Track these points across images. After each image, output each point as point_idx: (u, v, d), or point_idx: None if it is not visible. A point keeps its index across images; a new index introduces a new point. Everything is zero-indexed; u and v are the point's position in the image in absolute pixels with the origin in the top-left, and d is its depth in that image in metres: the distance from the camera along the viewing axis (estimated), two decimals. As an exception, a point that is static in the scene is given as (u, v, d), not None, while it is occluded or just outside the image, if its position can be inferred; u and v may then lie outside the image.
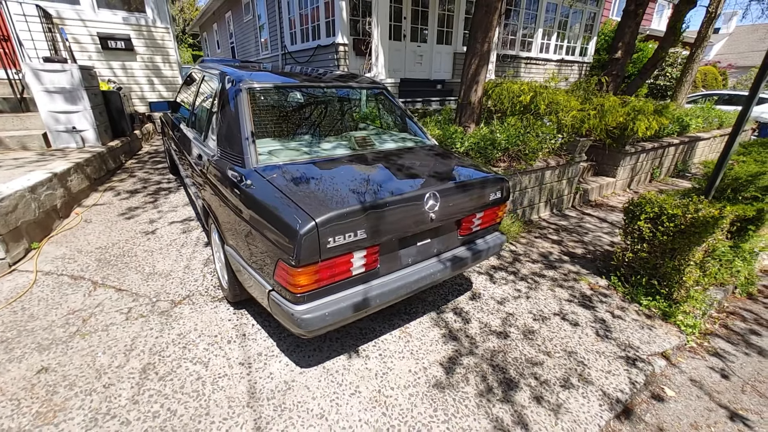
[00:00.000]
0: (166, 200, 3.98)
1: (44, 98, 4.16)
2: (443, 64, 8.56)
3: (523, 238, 3.72)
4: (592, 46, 11.32)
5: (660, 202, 2.65)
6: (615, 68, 6.22)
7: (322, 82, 2.52)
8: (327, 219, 1.47)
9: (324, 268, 1.55)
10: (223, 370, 1.89)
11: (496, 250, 2.29)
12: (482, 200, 2.07)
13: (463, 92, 4.35)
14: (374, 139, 2.42)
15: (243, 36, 12.17)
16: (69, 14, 5.90)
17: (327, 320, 1.60)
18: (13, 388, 1.73)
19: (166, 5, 6.67)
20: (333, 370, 1.95)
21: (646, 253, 2.70)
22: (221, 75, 2.39)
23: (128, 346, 2.01)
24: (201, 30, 18.94)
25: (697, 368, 2.26)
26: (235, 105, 2.08)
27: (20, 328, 2.10)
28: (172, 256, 2.89)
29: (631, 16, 5.97)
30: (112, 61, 6.45)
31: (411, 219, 1.75)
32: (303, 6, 7.74)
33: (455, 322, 2.39)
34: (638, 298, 2.72)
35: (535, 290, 2.81)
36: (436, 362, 2.05)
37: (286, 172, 1.82)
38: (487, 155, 3.64)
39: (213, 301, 2.42)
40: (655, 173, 6.33)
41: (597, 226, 4.21)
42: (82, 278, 2.58)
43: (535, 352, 2.18)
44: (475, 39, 4.12)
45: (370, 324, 2.31)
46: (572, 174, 4.52)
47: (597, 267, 3.22)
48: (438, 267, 1.97)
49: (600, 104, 4.40)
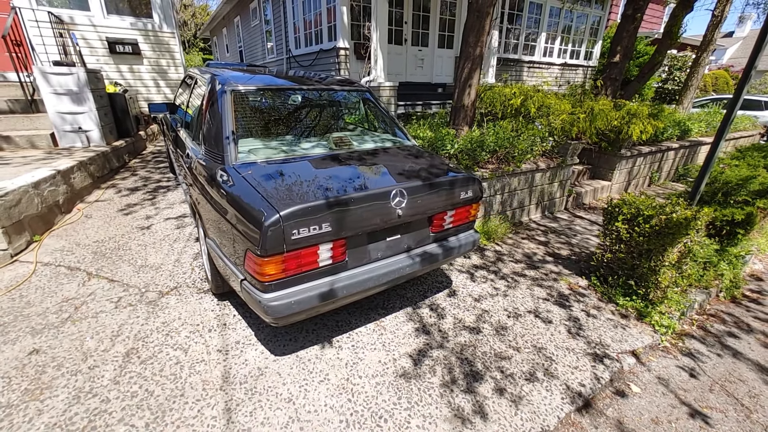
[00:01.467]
0: (164, 198, 4.14)
1: (52, 99, 4.37)
2: (444, 67, 8.64)
3: (510, 239, 3.77)
4: (598, 50, 11.28)
5: (637, 203, 2.69)
6: (613, 72, 6.23)
7: (306, 85, 2.64)
8: (291, 213, 1.56)
9: (290, 259, 1.64)
10: (202, 356, 2.00)
11: (469, 247, 2.35)
12: (452, 199, 2.14)
13: (457, 95, 4.42)
14: (354, 139, 2.51)
15: (251, 40, 12.44)
16: (80, 19, 6.16)
17: (293, 308, 1.69)
18: (5, 367, 1.86)
19: (172, 11, 6.91)
20: (306, 358, 2.04)
21: (623, 253, 2.74)
22: (211, 78, 2.51)
23: (115, 332, 2.13)
24: (211, 34, 19.38)
25: (667, 367, 2.28)
26: (220, 105, 2.20)
27: (17, 313, 2.25)
28: (164, 250, 3.03)
29: (629, 20, 5.99)
30: (120, 64, 6.69)
31: (377, 215, 1.84)
32: (306, 11, 7.93)
33: (430, 317, 2.46)
34: (615, 298, 2.75)
35: (514, 289, 2.86)
36: (406, 354, 2.12)
37: (260, 169, 1.93)
38: (475, 157, 3.71)
39: (199, 292, 2.53)
40: (654, 177, 6.29)
41: (587, 228, 4.23)
42: (78, 269, 2.72)
43: (505, 347, 2.23)
44: (467, 43, 4.20)
45: (346, 317, 2.40)
46: (564, 177, 4.55)
47: (580, 268, 3.26)
48: (407, 262, 2.05)
49: (590, 108, 4.43)
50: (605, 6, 10.74)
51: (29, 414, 1.62)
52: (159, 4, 6.73)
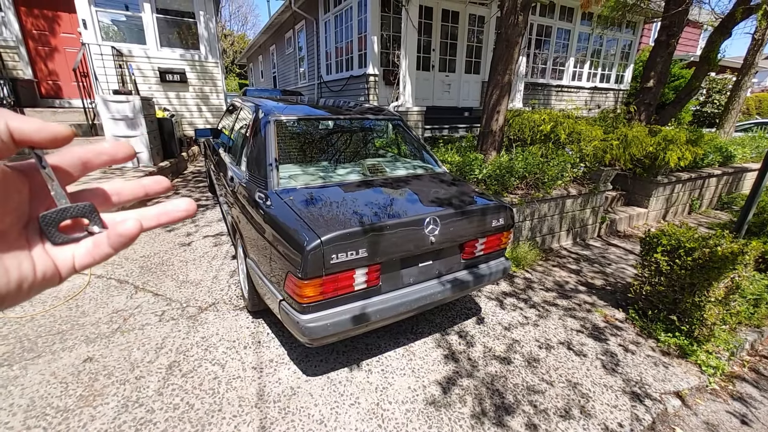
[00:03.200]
0: (203, 216, 4.38)
1: (110, 124, 4.82)
2: (471, 92, 8.79)
3: (540, 266, 3.70)
4: (629, 73, 11.11)
5: (678, 234, 2.60)
6: (647, 97, 6.11)
7: (343, 114, 2.79)
8: (331, 238, 1.65)
9: (328, 282, 1.72)
10: (238, 372, 2.08)
11: (500, 275, 2.35)
12: (484, 226, 2.17)
13: (485, 121, 4.49)
14: (386, 166, 2.61)
15: (284, 66, 13.20)
16: (137, 52, 6.80)
17: (329, 330, 1.74)
18: (63, 373, 2.01)
19: (217, 43, 7.49)
20: (336, 380, 2.08)
21: (663, 286, 2.63)
22: (255, 107, 2.71)
23: (159, 345, 2.26)
24: (248, 61, 20.71)
25: (717, 412, 2.13)
26: (264, 134, 2.37)
27: (73, 322, 2.43)
28: (203, 267, 3.20)
29: (663, 45, 5.92)
30: (169, 92, 7.28)
31: (411, 241, 1.89)
32: (338, 40, 8.38)
33: (459, 344, 2.44)
34: (656, 333, 2.62)
35: (545, 318, 2.79)
36: (435, 381, 2.11)
37: (300, 195, 2.04)
38: (504, 183, 3.72)
39: (235, 309, 2.65)
40: (694, 205, 6.01)
41: (622, 257, 4.08)
42: (126, 282, 2.92)
43: (537, 380, 2.17)
44: (495, 71, 4.30)
45: (376, 340, 2.42)
46: (596, 203, 4.45)
47: (616, 299, 3.14)
48: (439, 288, 2.07)
49: (623, 134, 4.36)
50: (636, 30, 10.65)
51: (83, 420, 1.73)
52: (206, 36, 7.33)
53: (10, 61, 6.14)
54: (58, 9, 6.36)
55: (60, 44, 6.52)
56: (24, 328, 2.37)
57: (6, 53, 6.04)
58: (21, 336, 2.29)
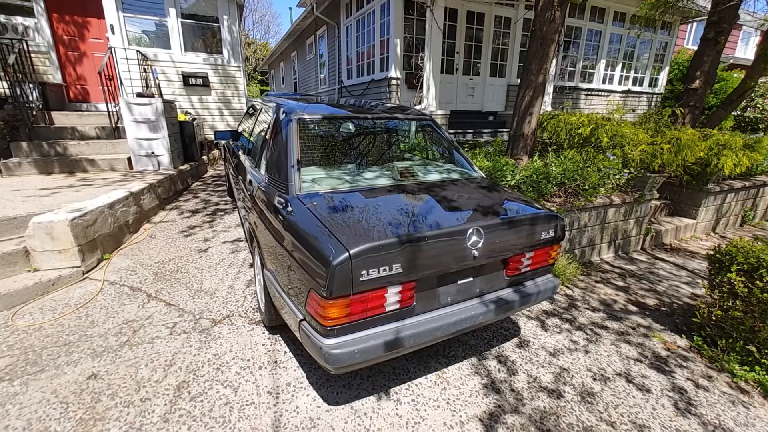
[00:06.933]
0: (221, 221, 4.25)
1: (132, 127, 4.78)
2: (496, 96, 8.47)
3: (581, 282, 3.35)
4: (664, 77, 10.53)
5: (757, 251, 2.23)
6: (692, 99, 5.66)
7: (369, 114, 2.57)
8: (361, 251, 1.41)
9: (356, 302, 1.48)
10: (251, 398, 1.86)
11: (548, 294, 2.05)
12: (532, 239, 1.88)
13: (516, 124, 4.20)
14: (418, 169, 2.37)
15: (305, 72, 13.24)
16: (162, 56, 6.86)
17: (356, 358, 1.50)
18: (65, 391, 1.84)
19: (239, 47, 7.49)
20: (361, 411, 1.82)
21: (740, 312, 2.26)
22: (276, 106, 2.53)
23: (168, 362, 2.07)
24: (269, 68, 21.02)
25: (820, 469, 1.76)
26: (285, 134, 2.17)
27: (81, 333, 2.28)
28: (219, 275, 3.02)
29: (710, 44, 5.47)
30: (191, 95, 7.30)
31: (452, 255, 1.63)
32: (360, 44, 8.26)
33: (499, 372, 2.15)
34: (730, 366, 2.25)
35: (596, 344, 2.46)
36: (475, 417, 1.83)
37: (326, 200, 1.82)
38: (540, 189, 3.41)
39: (250, 323, 2.44)
40: (747, 216, 5.48)
41: (673, 273, 3.67)
42: (139, 290, 2.77)
43: (596, 419, 1.86)
44: (529, 71, 4.01)
45: (404, 364, 2.16)
46: (641, 213, 4.06)
47: (674, 322, 2.76)
48: (480, 309, 1.80)
49: (675, 138, 3.97)
50: (672, 31, 10.09)
51: (80, 450, 1.54)
52: (229, 41, 7.34)
53: (41, 65, 6.27)
54: (87, 15, 6.49)
55: (89, 49, 6.64)
56: (31, 337, 2.23)
57: (37, 58, 6.18)
58: (26, 347, 2.15)
